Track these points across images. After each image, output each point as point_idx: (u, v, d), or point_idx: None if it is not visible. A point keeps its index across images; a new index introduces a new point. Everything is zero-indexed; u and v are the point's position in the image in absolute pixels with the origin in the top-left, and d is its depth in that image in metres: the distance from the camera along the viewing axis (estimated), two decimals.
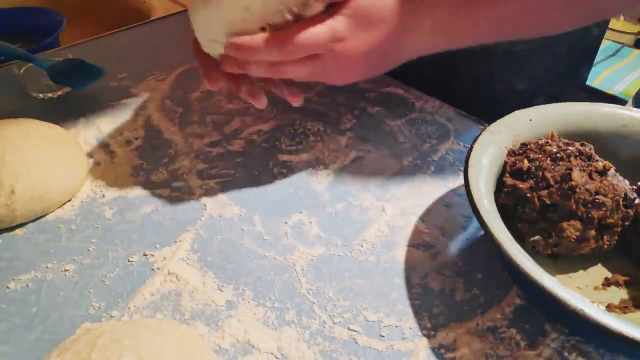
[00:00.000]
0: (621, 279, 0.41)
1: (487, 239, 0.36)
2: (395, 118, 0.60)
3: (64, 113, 0.59)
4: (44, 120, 0.54)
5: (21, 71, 0.62)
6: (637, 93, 1.35)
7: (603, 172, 0.41)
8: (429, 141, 0.57)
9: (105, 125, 0.58)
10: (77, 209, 0.48)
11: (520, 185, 0.41)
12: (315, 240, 0.45)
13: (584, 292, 0.41)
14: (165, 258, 0.43)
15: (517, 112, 0.46)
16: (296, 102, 0.50)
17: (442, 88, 0.63)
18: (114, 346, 0.31)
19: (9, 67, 0.66)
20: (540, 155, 0.42)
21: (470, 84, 0.65)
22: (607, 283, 0.42)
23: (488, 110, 0.55)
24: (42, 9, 1.01)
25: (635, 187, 0.43)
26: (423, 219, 0.48)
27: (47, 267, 0.42)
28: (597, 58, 1.61)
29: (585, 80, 0.75)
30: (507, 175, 0.43)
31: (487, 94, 0.67)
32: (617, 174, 0.42)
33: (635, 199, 0.41)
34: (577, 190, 0.39)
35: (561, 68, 0.67)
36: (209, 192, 0.50)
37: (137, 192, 0.49)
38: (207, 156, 0.54)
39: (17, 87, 0.62)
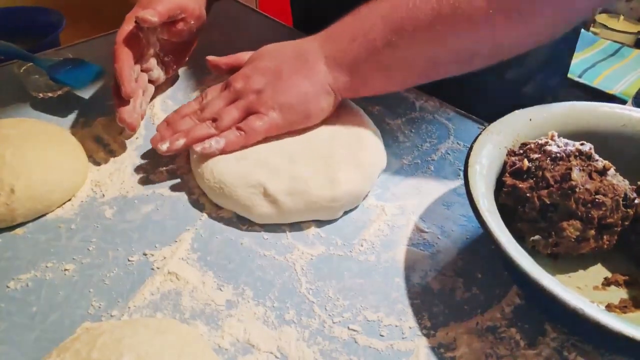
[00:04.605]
0: (621, 278, 0.42)
1: (487, 239, 0.36)
2: (395, 117, 0.60)
3: (64, 113, 0.59)
4: (44, 120, 0.54)
5: (21, 71, 0.62)
6: (637, 93, 1.35)
7: (603, 172, 0.41)
8: (429, 141, 0.57)
9: (105, 125, 0.58)
10: (77, 208, 0.48)
11: (520, 185, 0.41)
12: (315, 239, 0.45)
13: (584, 292, 0.41)
14: (165, 257, 0.43)
15: (516, 111, 0.46)
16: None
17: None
18: (114, 345, 0.31)
19: (9, 67, 0.66)
20: (540, 155, 0.42)
21: (459, 76, 0.65)
22: (607, 283, 0.42)
23: (480, 104, 0.55)
24: (42, 9, 1.01)
25: (635, 187, 0.43)
26: (423, 218, 0.48)
27: (47, 267, 0.42)
28: (597, 58, 1.62)
29: (569, 65, 0.77)
30: (507, 175, 0.43)
31: (477, 85, 0.66)
32: (617, 174, 0.42)
33: (635, 198, 0.41)
34: (577, 190, 0.39)
35: (545, 54, 0.69)
36: None
37: (137, 192, 0.49)
38: None
39: (17, 87, 0.62)
